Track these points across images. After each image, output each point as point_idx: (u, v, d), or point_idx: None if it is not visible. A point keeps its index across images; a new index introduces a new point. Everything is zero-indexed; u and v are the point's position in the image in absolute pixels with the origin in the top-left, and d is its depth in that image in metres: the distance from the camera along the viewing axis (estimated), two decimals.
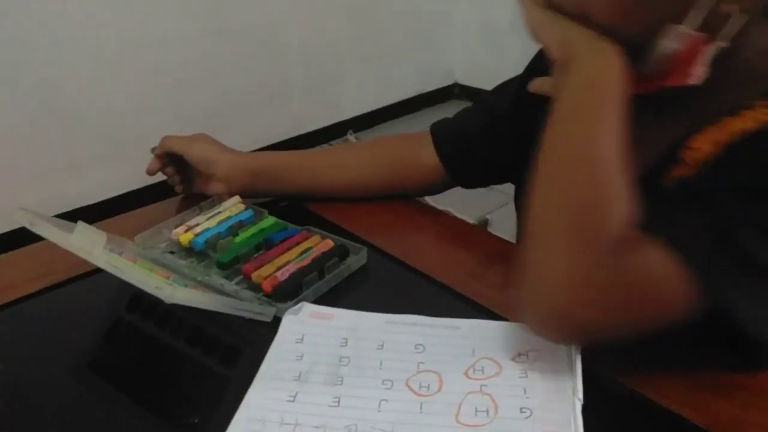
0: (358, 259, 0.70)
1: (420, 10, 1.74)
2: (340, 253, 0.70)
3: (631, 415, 0.52)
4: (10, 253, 0.77)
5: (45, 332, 0.65)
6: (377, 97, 1.65)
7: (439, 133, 0.85)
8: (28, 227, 0.60)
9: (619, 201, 0.52)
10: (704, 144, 0.58)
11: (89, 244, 0.58)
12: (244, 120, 1.57)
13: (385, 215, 0.84)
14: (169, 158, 0.85)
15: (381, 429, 0.49)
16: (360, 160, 0.86)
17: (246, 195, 0.82)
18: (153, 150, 0.86)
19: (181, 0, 1.47)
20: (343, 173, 0.86)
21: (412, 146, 0.86)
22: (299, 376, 0.54)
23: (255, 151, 1.10)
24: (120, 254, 0.64)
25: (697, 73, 0.55)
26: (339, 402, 0.51)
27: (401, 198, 0.86)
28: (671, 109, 0.62)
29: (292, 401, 0.51)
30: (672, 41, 0.55)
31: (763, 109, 0.56)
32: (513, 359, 0.54)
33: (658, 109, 0.63)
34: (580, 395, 0.50)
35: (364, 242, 0.73)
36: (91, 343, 0.63)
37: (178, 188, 0.88)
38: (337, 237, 0.72)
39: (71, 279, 0.70)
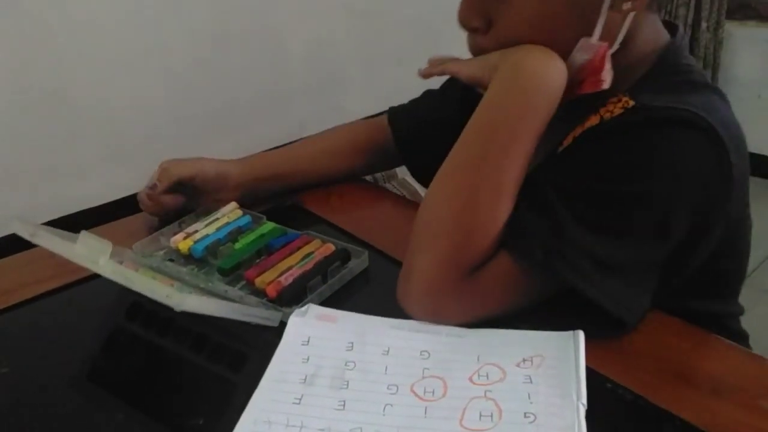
0: (359, 262, 0.70)
1: (423, 14, 1.74)
2: (342, 257, 0.69)
3: (634, 420, 0.51)
4: (14, 256, 0.77)
5: (50, 336, 0.65)
6: (381, 100, 1.64)
7: (399, 131, 0.89)
8: (28, 238, 0.60)
9: (491, 229, 0.58)
10: (567, 142, 0.62)
11: (94, 254, 0.58)
12: (248, 123, 1.57)
13: (386, 218, 0.84)
14: (173, 187, 0.80)
15: None
16: (346, 148, 0.91)
17: (248, 198, 0.82)
18: (153, 188, 0.79)
19: (186, 4, 1.47)
20: (335, 162, 0.90)
21: (381, 134, 0.90)
22: (305, 379, 0.54)
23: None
24: (121, 263, 0.64)
25: (607, 79, 0.60)
26: (344, 405, 0.51)
27: (402, 200, 0.87)
28: (567, 108, 0.64)
29: (298, 404, 0.51)
30: (582, 53, 0.60)
31: (610, 105, 0.60)
32: (517, 365, 0.54)
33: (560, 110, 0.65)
34: (584, 400, 0.49)
35: (364, 245, 0.73)
36: (94, 346, 0.63)
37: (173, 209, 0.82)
38: (337, 241, 0.71)
39: (76, 282, 0.71)
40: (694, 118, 0.56)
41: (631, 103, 0.59)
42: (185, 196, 0.82)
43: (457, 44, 0.67)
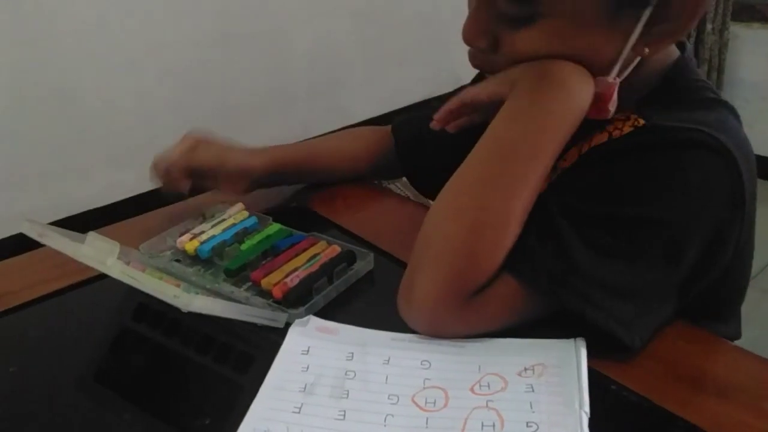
0: (365, 264, 0.70)
1: (427, 15, 1.74)
2: (347, 259, 0.70)
3: (638, 422, 0.52)
4: (20, 255, 0.78)
5: (57, 336, 0.65)
6: (384, 101, 1.65)
7: (400, 142, 0.89)
8: (37, 239, 0.61)
9: (497, 255, 0.56)
10: (570, 157, 0.61)
11: (102, 254, 0.59)
12: (251, 124, 1.57)
13: (391, 219, 0.84)
14: (189, 173, 0.79)
15: None
16: (359, 152, 0.92)
17: (265, 186, 0.84)
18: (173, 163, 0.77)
19: (189, 5, 1.47)
20: (348, 164, 0.91)
21: (388, 143, 0.90)
22: (305, 388, 0.54)
23: None
24: (128, 263, 0.64)
25: (613, 108, 0.58)
26: (344, 415, 0.51)
27: (406, 201, 0.88)
28: None
29: (298, 413, 0.51)
30: (595, 87, 0.58)
31: (618, 122, 0.58)
32: (519, 374, 0.53)
33: None
34: (587, 408, 0.49)
35: (370, 246, 0.73)
36: (102, 346, 0.64)
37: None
38: (343, 242, 0.72)
39: (84, 282, 0.71)
40: (708, 140, 0.54)
41: (641, 121, 0.57)
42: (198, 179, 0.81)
43: (461, 47, 0.66)
